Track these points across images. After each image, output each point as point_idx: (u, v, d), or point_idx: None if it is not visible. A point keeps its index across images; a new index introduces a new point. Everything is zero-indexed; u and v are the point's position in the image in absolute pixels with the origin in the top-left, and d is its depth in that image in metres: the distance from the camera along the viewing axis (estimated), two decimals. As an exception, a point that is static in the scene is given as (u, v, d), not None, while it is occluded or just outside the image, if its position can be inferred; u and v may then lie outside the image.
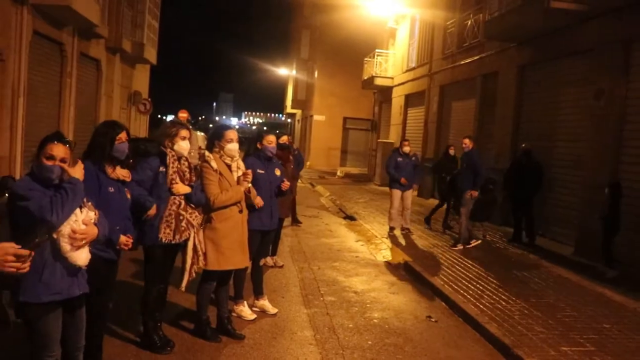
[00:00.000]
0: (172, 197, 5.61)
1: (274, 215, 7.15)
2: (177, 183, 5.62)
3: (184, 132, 5.77)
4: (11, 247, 2.81)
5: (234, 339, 6.27)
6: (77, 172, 3.92)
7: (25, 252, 2.84)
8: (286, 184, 7.17)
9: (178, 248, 5.80)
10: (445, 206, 14.30)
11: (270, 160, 7.14)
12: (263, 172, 6.93)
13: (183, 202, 5.66)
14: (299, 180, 17.68)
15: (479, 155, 12.34)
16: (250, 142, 7.35)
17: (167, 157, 5.63)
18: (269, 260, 9.34)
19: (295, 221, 14.20)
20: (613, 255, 9.99)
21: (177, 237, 5.63)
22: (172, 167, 5.62)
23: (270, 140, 7.08)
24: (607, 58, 11.34)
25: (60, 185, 3.78)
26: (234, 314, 6.88)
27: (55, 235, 3.75)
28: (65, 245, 3.78)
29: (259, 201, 6.71)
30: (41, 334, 3.89)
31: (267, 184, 6.95)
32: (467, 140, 12.29)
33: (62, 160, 3.80)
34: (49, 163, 3.76)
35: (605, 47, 11.36)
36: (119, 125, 4.86)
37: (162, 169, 5.57)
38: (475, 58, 18.04)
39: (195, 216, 5.79)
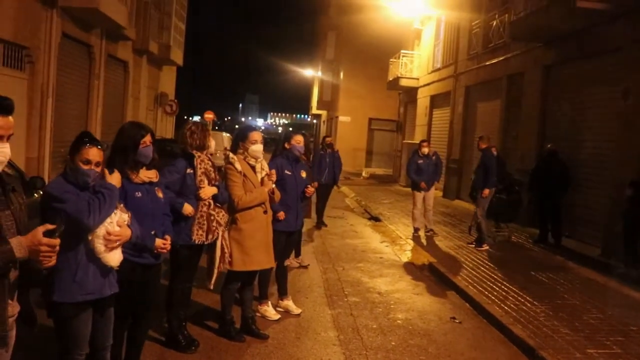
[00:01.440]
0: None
1: (299, 216, 7.24)
2: (204, 187, 5.67)
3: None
4: (41, 231, 2.88)
5: (258, 338, 6.31)
6: (114, 179, 3.99)
7: (56, 241, 2.90)
8: (310, 190, 7.27)
9: (203, 248, 5.86)
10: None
11: (298, 161, 7.22)
12: (290, 173, 7.01)
13: (212, 203, 5.72)
14: (336, 186, 17.43)
15: (492, 155, 12.23)
16: (277, 143, 7.43)
17: (195, 159, 5.67)
18: (293, 261, 9.36)
19: (321, 223, 14.19)
20: (639, 255, 9.86)
21: (210, 237, 5.70)
22: (200, 169, 5.66)
23: (299, 140, 7.17)
24: (635, 57, 11.21)
25: (95, 189, 3.83)
26: (258, 314, 6.91)
27: (90, 237, 3.81)
28: (100, 247, 3.84)
29: (281, 215, 6.76)
30: (73, 333, 3.95)
31: (294, 185, 7.02)
32: (479, 141, 12.28)
33: (97, 164, 3.84)
34: (86, 167, 3.79)
35: (633, 45, 11.24)
36: (144, 127, 4.78)
37: (189, 170, 5.61)
38: (501, 59, 17.92)
39: (223, 215, 5.84)
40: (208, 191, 5.69)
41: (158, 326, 6.16)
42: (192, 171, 5.62)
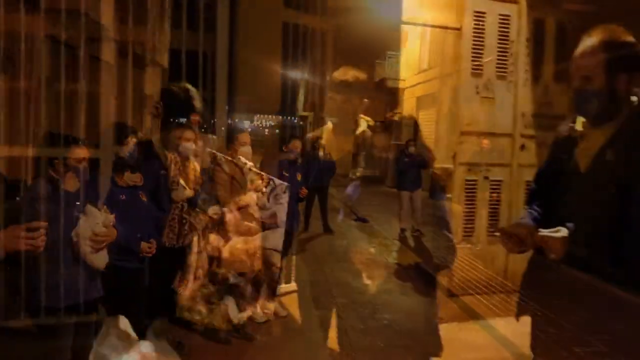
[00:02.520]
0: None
1: (295, 217, 7.34)
2: (176, 188, 5.61)
3: (188, 134, 5.80)
4: (18, 227, 2.85)
5: (245, 340, 6.28)
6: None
7: (37, 224, 2.87)
8: (304, 191, 7.39)
9: (184, 251, 5.79)
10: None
11: (294, 163, 7.40)
12: (288, 174, 7.27)
13: (186, 205, 5.65)
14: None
15: None
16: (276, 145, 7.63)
17: (167, 160, 5.62)
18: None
19: (328, 229, 14.04)
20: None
21: (181, 241, 5.62)
22: (173, 170, 5.60)
23: (296, 146, 7.62)
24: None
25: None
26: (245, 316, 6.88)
27: (75, 239, 3.78)
28: (86, 248, 3.82)
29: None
30: (58, 337, 3.91)
31: (290, 186, 7.05)
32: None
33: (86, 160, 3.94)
34: (81, 165, 3.90)
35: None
36: (127, 128, 4.83)
37: (163, 172, 5.56)
38: (487, 60, 17.94)
39: (199, 219, 5.76)
40: (181, 192, 5.63)
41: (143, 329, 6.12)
42: (165, 172, 5.56)
